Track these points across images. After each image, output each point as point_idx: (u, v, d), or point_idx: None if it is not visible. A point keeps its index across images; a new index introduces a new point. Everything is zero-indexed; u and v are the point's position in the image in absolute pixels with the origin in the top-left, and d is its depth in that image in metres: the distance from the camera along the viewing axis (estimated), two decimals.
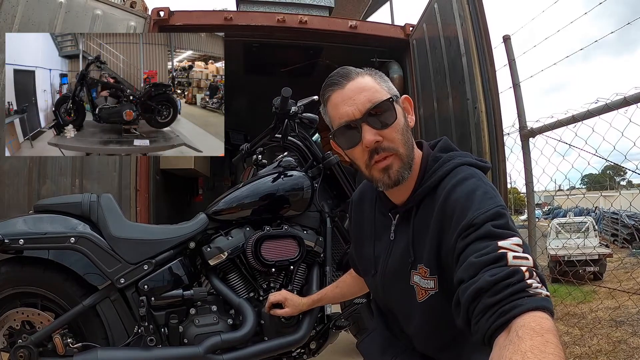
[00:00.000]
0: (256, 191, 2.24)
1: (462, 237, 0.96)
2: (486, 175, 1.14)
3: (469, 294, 0.87)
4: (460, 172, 1.10)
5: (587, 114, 2.61)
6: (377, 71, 1.20)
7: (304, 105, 2.31)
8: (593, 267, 9.14)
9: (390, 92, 1.15)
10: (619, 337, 4.57)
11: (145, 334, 2.02)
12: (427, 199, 1.14)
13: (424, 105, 3.98)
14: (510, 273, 0.84)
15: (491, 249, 0.89)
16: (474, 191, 1.02)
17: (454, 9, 3.27)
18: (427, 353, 1.23)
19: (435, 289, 1.10)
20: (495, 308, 0.82)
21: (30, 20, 3.16)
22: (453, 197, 1.04)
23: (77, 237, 2.01)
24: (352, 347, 2.28)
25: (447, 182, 1.09)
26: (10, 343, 1.99)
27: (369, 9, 8.03)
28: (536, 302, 0.80)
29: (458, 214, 1.00)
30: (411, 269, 1.16)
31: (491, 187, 1.05)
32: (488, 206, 0.97)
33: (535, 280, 0.84)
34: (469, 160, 1.15)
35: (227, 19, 3.91)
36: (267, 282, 2.22)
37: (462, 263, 0.93)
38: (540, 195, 3.90)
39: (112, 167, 3.36)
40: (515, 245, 0.90)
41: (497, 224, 0.94)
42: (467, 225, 0.96)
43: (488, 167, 1.17)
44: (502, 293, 0.82)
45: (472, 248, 0.93)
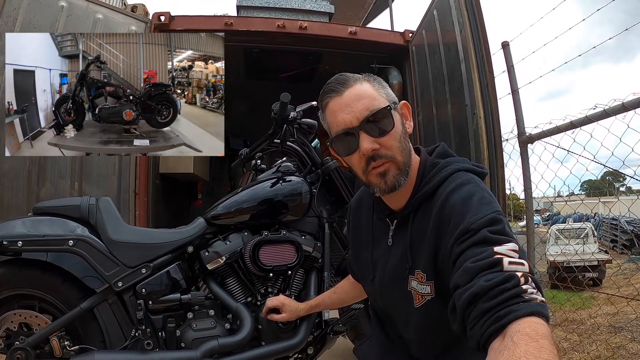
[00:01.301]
0: (255, 196, 2.24)
1: (458, 243, 0.96)
2: (484, 181, 1.14)
3: (465, 299, 0.87)
4: (457, 178, 1.10)
5: (585, 119, 2.63)
6: (375, 77, 1.20)
7: (303, 110, 2.31)
8: (592, 273, 9.14)
9: (388, 99, 1.16)
10: (618, 343, 4.57)
11: (143, 337, 2.02)
12: (424, 205, 1.15)
13: (423, 111, 3.99)
14: (506, 278, 0.84)
15: (487, 255, 0.89)
16: (471, 197, 1.02)
17: (453, 16, 3.28)
18: (425, 359, 1.23)
19: (432, 294, 1.10)
20: (490, 313, 0.82)
21: (32, 23, 3.16)
22: (450, 203, 1.05)
23: (75, 240, 2.01)
24: (350, 352, 2.28)
25: (444, 188, 1.10)
26: (7, 345, 1.99)
27: (368, 15, 8.06)
28: (531, 308, 0.79)
29: (455, 220, 1.00)
30: (409, 274, 1.16)
31: (488, 193, 1.06)
32: (484, 212, 0.97)
33: (530, 285, 0.84)
34: (467, 166, 1.15)
35: (228, 24, 3.92)
36: (264, 287, 2.22)
37: (458, 268, 0.93)
38: (539, 202, 3.91)
39: (112, 170, 3.36)
40: (511, 250, 0.90)
41: (493, 229, 0.94)
42: (463, 231, 0.96)
43: (485, 173, 1.18)
44: (497, 298, 0.82)
45: (468, 253, 0.93)
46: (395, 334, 1.34)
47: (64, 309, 2.03)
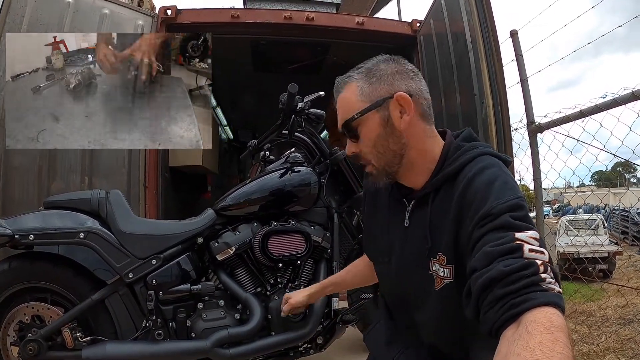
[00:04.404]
0: (264, 187, 2.25)
1: (478, 227, 0.95)
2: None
3: (481, 283, 0.86)
4: (481, 161, 1.09)
5: (595, 108, 2.59)
6: (369, 70, 1.18)
7: (311, 101, 2.31)
8: (602, 264, 9.08)
9: (370, 100, 1.15)
10: (628, 335, 4.54)
11: (153, 327, 2.04)
12: (446, 186, 1.13)
13: (432, 100, 3.96)
14: (525, 265, 0.83)
15: (507, 240, 0.88)
16: (494, 181, 1.01)
17: (461, 5, 3.26)
18: (436, 346, 1.22)
19: (451, 278, 1.08)
20: (506, 299, 0.81)
21: (39, 20, 3.17)
22: (473, 185, 1.03)
23: (86, 233, 2.03)
24: (359, 342, 2.29)
25: (468, 169, 1.08)
26: (20, 337, 2.01)
27: (376, 5, 8.01)
28: (548, 298, 0.78)
29: (477, 203, 0.99)
30: (430, 256, 1.14)
31: (512, 178, 1.04)
32: (507, 197, 0.96)
33: (549, 275, 0.83)
34: (492, 151, 1.14)
35: (235, 17, 3.92)
36: (274, 277, 2.23)
37: (476, 252, 0.92)
38: (548, 192, 3.87)
39: (121, 163, 3.38)
40: (531, 238, 0.88)
41: (515, 215, 0.92)
42: (484, 215, 0.95)
43: (509, 162, 1.16)
44: (515, 285, 0.81)
45: (487, 238, 0.92)
46: (403, 322, 1.33)
47: (75, 301, 2.06)
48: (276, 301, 2.15)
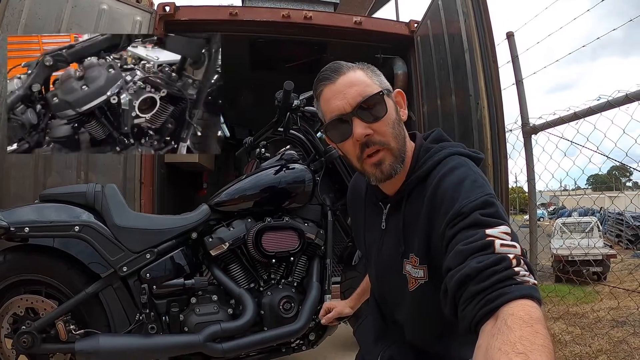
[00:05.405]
0: (258, 183, 2.26)
1: (450, 226, 0.96)
2: (479, 166, 1.13)
3: (456, 281, 0.86)
4: (450, 162, 1.10)
5: (588, 110, 2.61)
6: (369, 65, 1.20)
7: (306, 98, 2.32)
8: (595, 267, 9.11)
9: (381, 86, 1.16)
10: (620, 337, 4.56)
11: (147, 321, 2.05)
12: (417, 189, 1.15)
13: (428, 101, 3.99)
14: (497, 260, 0.84)
15: (478, 237, 0.89)
16: (463, 180, 1.02)
17: (458, 6, 3.27)
18: (417, 343, 1.24)
19: (425, 278, 1.11)
20: (481, 295, 0.81)
21: (37, 15, 3.17)
22: (442, 187, 1.04)
23: (81, 226, 2.04)
24: (351, 339, 2.30)
25: (437, 172, 1.09)
26: (14, 329, 2.02)
27: (374, 5, 8.02)
28: (523, 290, 0.79)
29: (447, 204, 1.00)
30: (403, 258, 1.16)
31: (481, 176, 1.05)
32: (476, 195, 0.97)
33: (522, 268, 0.83)
34: (460, 150, 1.15)
35: (233, 14, 3.92)
36: (267, 273, 2.25)
37: (449, 252, 0.93)
38: (542, 194, 3.89)
39: (117, 160, 3.38)
40: (503, 233, 0.89)
41: (485, 212, 0.94)
42: (455, 214, 0.96)
43: (481, 158, 1.17)
44: (489, 280, 0.81)
45: (459, 237, 0.93)
46: (390, 318, 1.35)
47: (69, 294, 2.06)
48: (269, 297, 2.17)
